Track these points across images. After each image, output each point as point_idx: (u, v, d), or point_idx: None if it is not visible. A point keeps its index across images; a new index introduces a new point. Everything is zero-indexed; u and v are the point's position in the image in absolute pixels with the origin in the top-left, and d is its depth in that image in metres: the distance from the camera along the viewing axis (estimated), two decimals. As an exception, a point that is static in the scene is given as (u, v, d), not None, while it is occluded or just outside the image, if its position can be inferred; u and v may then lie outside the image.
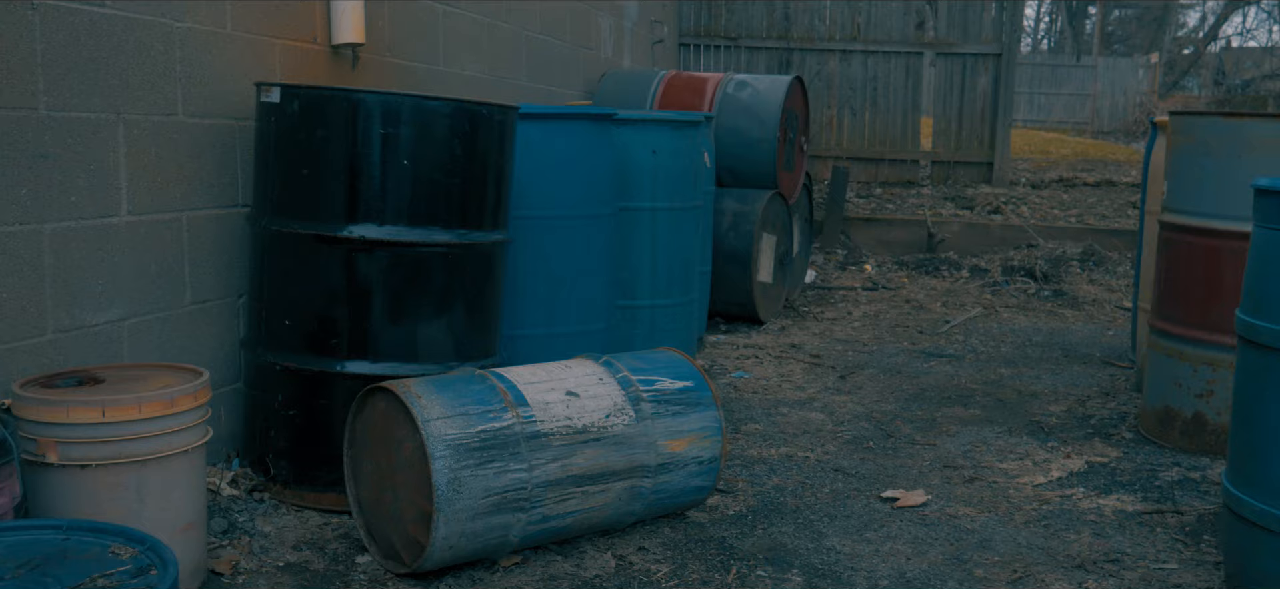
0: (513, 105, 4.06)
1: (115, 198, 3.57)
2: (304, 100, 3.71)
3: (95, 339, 3.51)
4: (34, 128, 3.26)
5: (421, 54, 5.53)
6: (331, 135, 3.69)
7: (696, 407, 3.70)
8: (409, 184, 3.74)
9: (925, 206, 10.37)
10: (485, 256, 3.95)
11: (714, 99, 7.67)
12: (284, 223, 3.76)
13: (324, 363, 3.75)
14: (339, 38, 4.73)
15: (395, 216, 3.72)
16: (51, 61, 3.31)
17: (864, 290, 8.79)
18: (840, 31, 11.13)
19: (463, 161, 3.82)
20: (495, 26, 6.42)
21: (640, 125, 5.48)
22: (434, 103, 3.79)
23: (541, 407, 3.39)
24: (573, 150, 4.76)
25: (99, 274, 3.51)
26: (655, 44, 10.10)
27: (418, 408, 3.20)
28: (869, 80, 11.12)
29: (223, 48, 4.03)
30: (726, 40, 11.24)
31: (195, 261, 3.94)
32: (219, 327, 4.07)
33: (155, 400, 2.96)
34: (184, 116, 3.86)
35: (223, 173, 4.06)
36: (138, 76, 3.64)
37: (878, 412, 5.34)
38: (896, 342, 7.04)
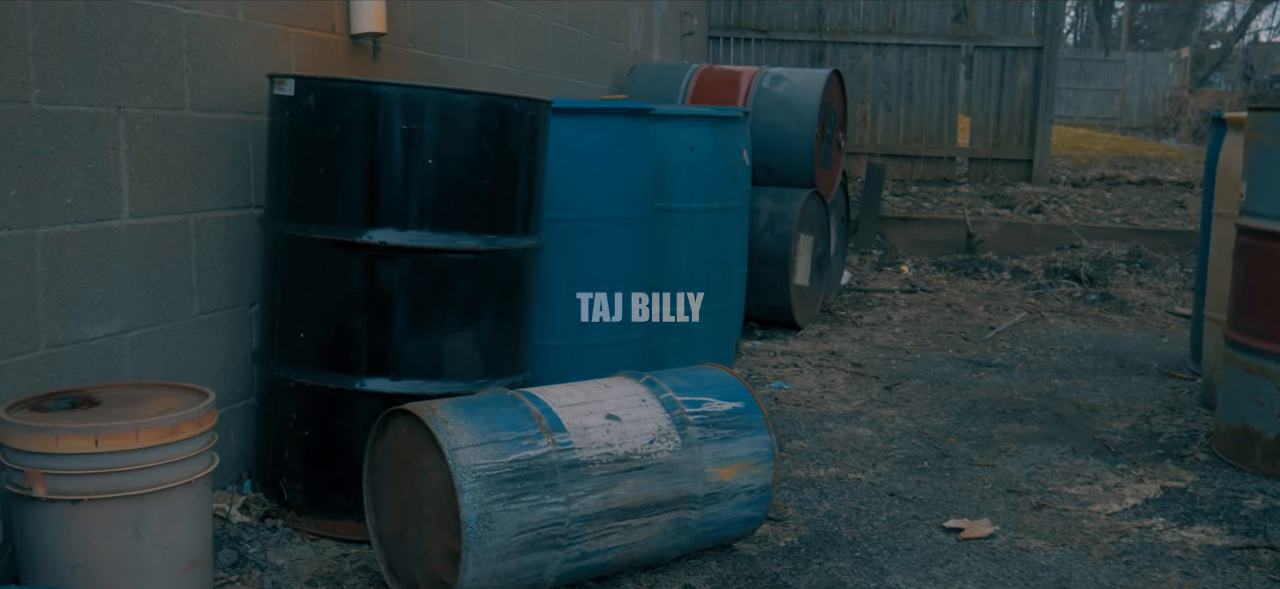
0: (545, 99, 3.75)
1: (116, 199, 3.28)
2: (320, 93, 3.41)
3: (93, 354, 3.22)
4: (25, 123, 2.96)
5: (446, 45, 5.23)
6: (350, 131, 3.39)
7: (747, 430, 3.38)
8: (434, 185, 3.43)
9: (963, 205, 10.03)
10: (515, 264, 3.64)
11: (749, 94, 7.35)
12: (298, 226, 3.46)
13: (341, 379, 3.45)
14: (359, 27, 4.43)
15: (419, 220, 3.42)
16: (45, 49, 3.02)
17: (902, 293, 8.46)
18: (874, 24, 10.79)
19: (492, 161, 3.51)
20: (523, 17, 6.12)
21: (677, 121, 5.17)
22: (461, 97, 3.48)
23: (579, 432, 3.08)
24: (607, 147, 4.45)
25: (98, 283, 3.22)
26: (685, 36, 9.78)
27: (444, 434, 2.89)
28: (904, 74, 10.77)
29: (234, 37, 3.74)
30: (757, 33, 10.91)
31: (204, 268, 3.64)
32: (229, 337, 3.78)
33: (154, 427, 2.66)
34: (191, 111, 3.56)
35: (233, 171, 3.76)
36: (140, 67, 3.35)
37: (929, 427, 5.01)
38: (941, 349, 6.71)
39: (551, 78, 6.59)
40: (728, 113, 5.41)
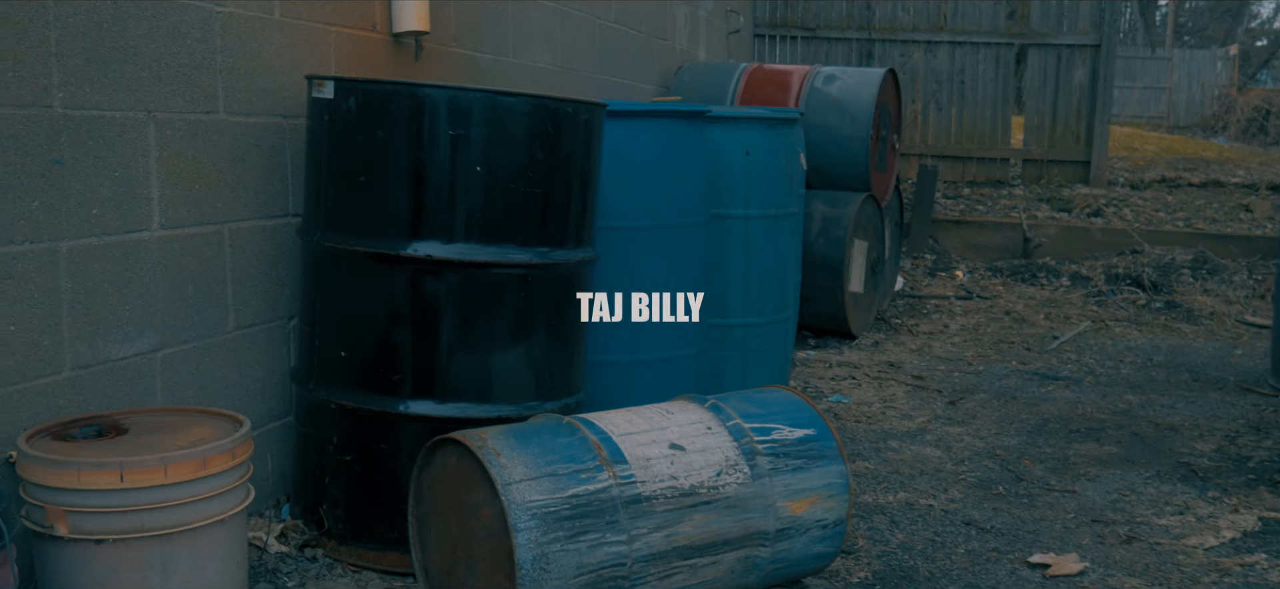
0: (599, 101, 3.52)
1: (145, 209, 3.07)
2: (361, 96, 3.19)
3: (122, 375, 3.01)
4: (47, 129, 2.76)
5: (489, 44, 5.01)
6: (393, 137, 3.17)
7: (820, 460, 3.13)
8: (481, 194, 3.20)
9: (1019, 208, 9.71)
10: (569, 279, 3.41)
11: (800, 94, 7.09)
12: (338, 238, 3.24)
13: (384, 402, 3.22)
14: (401, 25, 4.21)
15: (466, 232, 3.19)
16: (68, 49, 2.81)
17: (958, 300, 8.16)
18: (925, 21, 10.48)
19: (544, 168, 3.28)
20: (568, 15, 5.88)
21: (732, 123, 4.91)
22: (510, 99, 3.25)
23: (642, 464, 2.84)
24: (662, 152, 4.20)
25: (126, 299, 3.01)
26: (731, 34, 9.52)
27: (497, 467, 2.66)
28: (956, 73, 10.46)
29: (270, 35, 3.52)
30: (804, 31, 10.63)
31: (239, 281, 3.43)
32: (267, 354, 3.56)
33: (183, 460, 2.45)
34: (225, 114, 3.35)
35: (270, 178, 3.55)
36: (171, 68, 3.14)
37: (1000, 447, 4.73)
38: (1003, 360, 6.42)
39: (597, 77, 6.35)
40: (784, 114, 5.16)
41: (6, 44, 2.64)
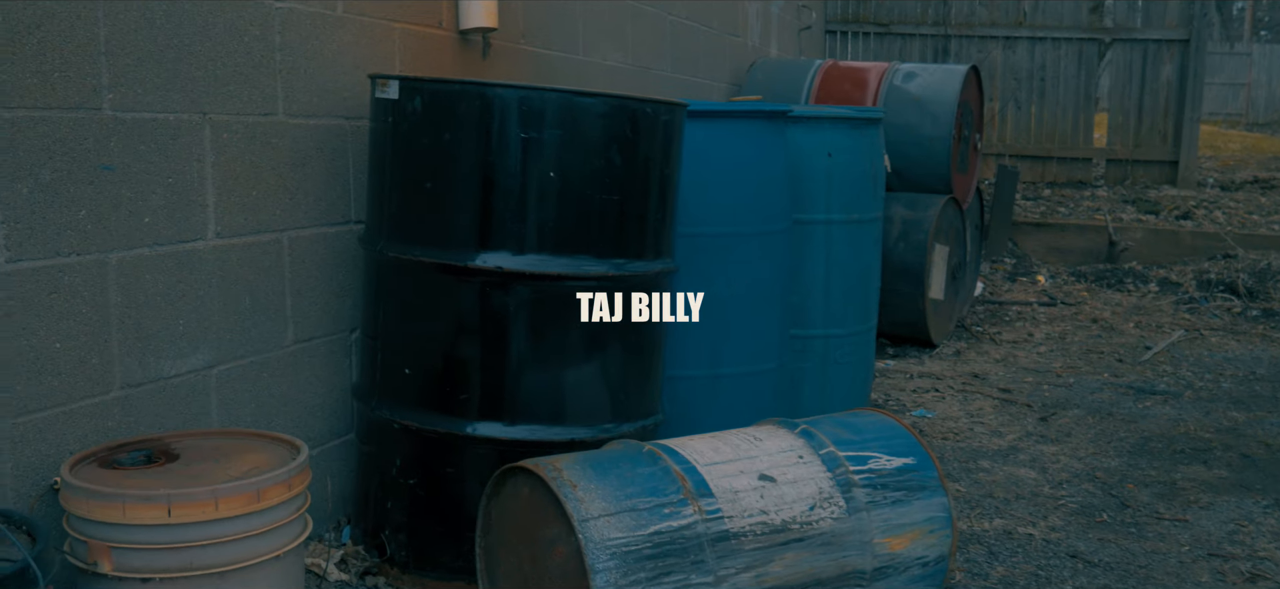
0: (679, 101, 3.29)
1: (200, 217, 2.89)
2: (428, 96, 2.99)
3: (175, 393, 2.84)
4: (96, 133, 2.59)
5: (559, 42, 4.80)
6: (460, 140, 2.97)
7: (920, 491, 2.87)
8: (555, 202, 2.99)
9: (1103, 210, 9.33)
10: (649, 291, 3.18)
11: (879, 92, 6.81)
12: (402, 248, 3.04)
13: (450, 423, 3.02)
14: (468, 22, 4.02)
15: (538, 242, 2.98)
16: (119, 48, 2.64)
17: (1041, 306, 7.83)
18: (1004, 16, 10.12)
19: (621, 173, 3.06)
20: (639, 11, 5.66)
21: (814, 123, 4.66)
22: (586, 100, 3.03)
23: (729, 496, 2.61)
24: (744, 154, 3.97)
25: (179, 312, 2.84)
26: (802, 30, 9.24)
27: (573, 501, 2.44)
28: (1036, 70, 10.08)
29: (332, 32, 3.34)
30: (877, 27, 10.32)
31: (299, 292, 3.25)
32: (327, 369, 3.38)
33: (236, 493, 2.26)
34: (284, 116, 3.17)
35: (331, 184, 3.36)
36: (228, 67, 2.96)
37: (1100, 469, 4.43)
38: (1094, 372, 6.09)
39: (668, 75, 6.12)
40: (868, 114, 4.89)
41: (53, 42, 2.47)
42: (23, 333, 2.43)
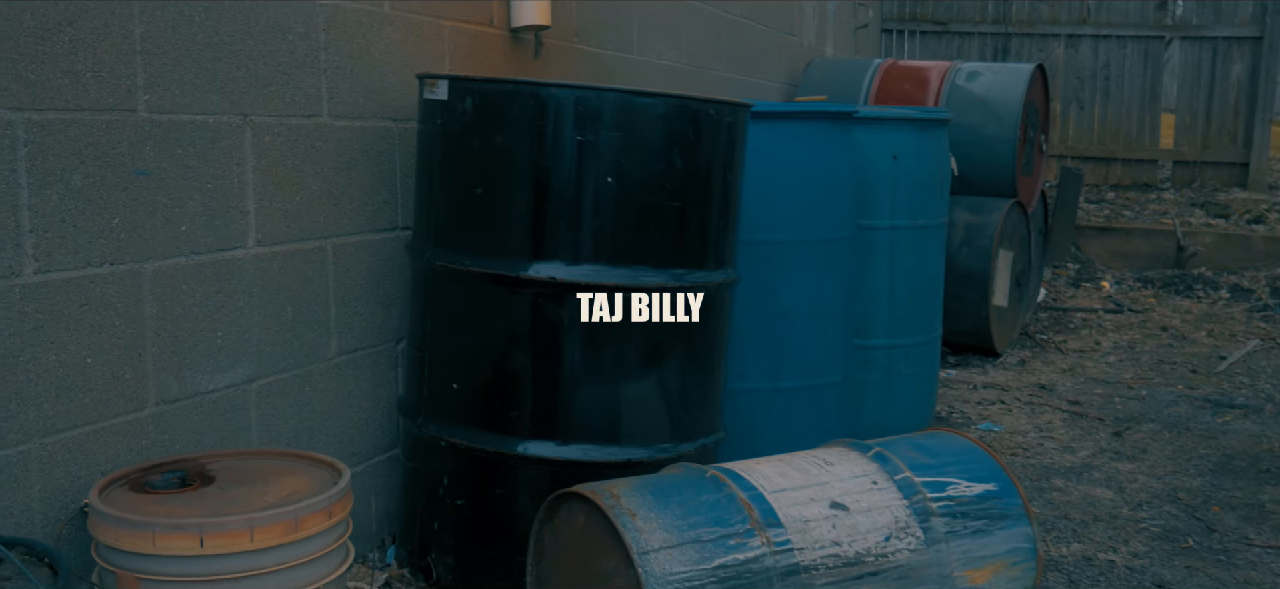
0: (744, 101, 3.11)
1: (240, 224, 2.75)
2: (478, 97, 2.83)
3: (212, 409, 2.70)
4: (130, 136, 2.45)
5: (613, 40, 4.64)
6: (512, 143, 2.81)
7: (1003, 520, 2.68)
8: (612, 209, 2.82)
9: (1170, 214, 9.02)
10: (708, 304, 3.01)
11: (941, 92, 6.58)
12: (451, 257, 2.89)
13: (500, 441, 2.86)
14: (520, 20, 3.86)
15: (594, 252, 2.81)
16: (155, 47, 2.50)
17: (1106, 313, 7.56)
18: (1067, 14, 9.82)
19: (682, 177, 2.89)
20: (696, 9, 5.49)
21: (879, 124, 4.46)
22: (646, 100, 2.86)
23: (798, 526, 2.43)
24: (809, 157, 3.78)
25: (218, 324, 2.70)
26: (858, 29, 9.02)
27: (632, 532, 2.27)
28: (1100, 69, 9.78)
29: (379, 30, 3.19)
30: (934, 25, 10.06)
31: (343, 302, 3.11)
32: (372, 381, 3.24)
33: (272, 522, 2.11)
34: (329, 118, 3.03)
35: (378, 188, 3.22)
36: (270, 67, 2.82)
37: (1181, 489, 4.20)
38: (1167, 384, 5.83)
39: (723, 75, 5.94)
40: (934, 115, 4.69)
41: (85, 41, 2.34)
42: (52, 347, 2.30)
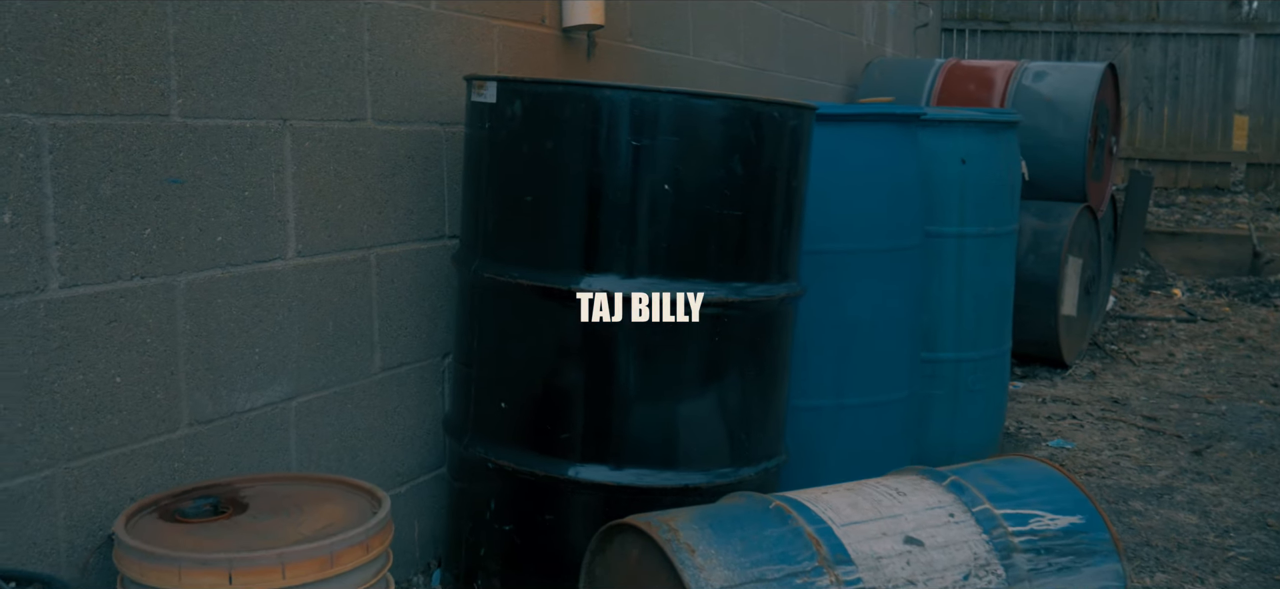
0: (808, 104, 2.93)
1: (279, 234, 2.62)
2: (528, 100, 2.68)
3: (250, 429, 2.57)
4: (163, 143, 2.33)
5: (668, 40, 4.47)
6: (564, 148, 2.65)
7: (1090, 556, 2.47)
8: (669, 218, 2.66)
9: (1244, 219, 8.70)
10: (770, 319, 2.84)
11: (1007, 93, 6.35)
12: (499, 269, 2.74)
13: (550, 464, 2.71)
14: (572, 19, 3.71)
15: (650, 264, 2.65)
16: (189, 48, 2.37)
17: (1179, 322, 7.28)
18: (1134, 12, 9.53)
19: (742, 185, 2.72)
20: (754, 8, 5.31)
21: (947, 127, 4.25)
22: (705, 102, 2.69)
23: (870, 564, 2.25)
24: (875, 161, 3.59)
25: (256, 340, 2.57)
26: (918, 28, 8.79)
27: (691, 569, 2.10)
28: (1169, 68, 9.47)
29: (426, 30, 3.06)
30: (996, 24, 9.81)
31: (387, 315, 2.97)
32: (417, 398, 3.10)
33: (306, 558, 1.97)
34: (373, 122, 2.89)
35: (424, 195, 3.08)
36: (312, 69, 2.69)
37: (1271, 514, 3.96)
38: (1247, 398, 5.57)
39: (782, 76, 5.76)
40: (1004, 117, 4.47)
41: (115, 42, 2.22)
42: (79, 366, 2.18)
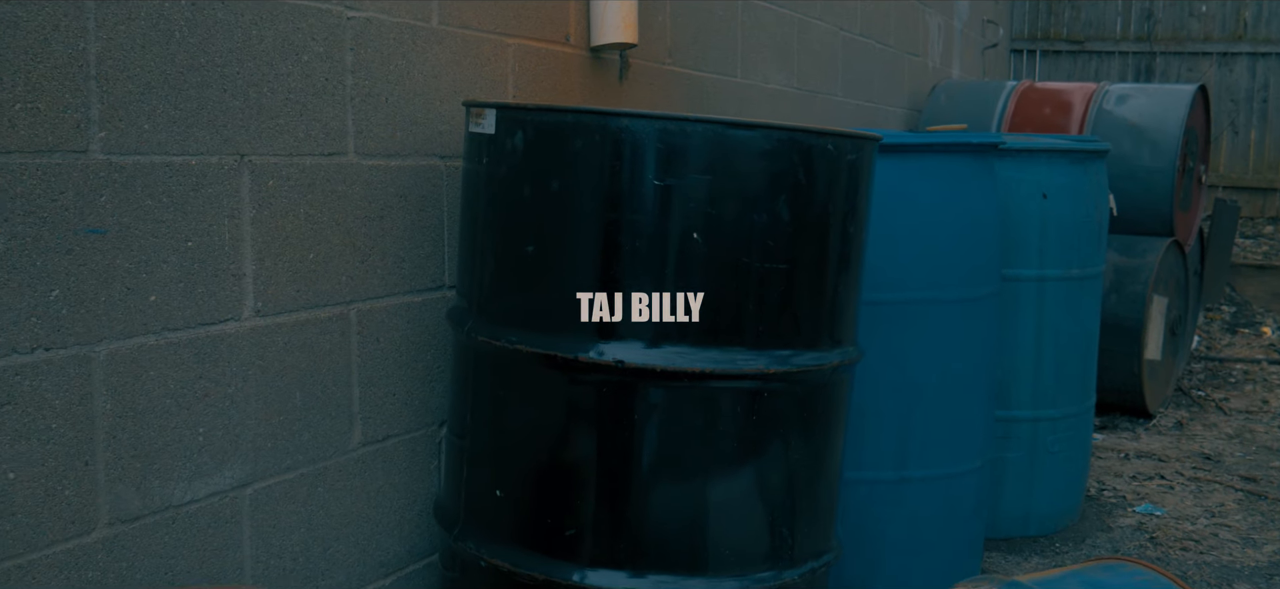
0: (871, 134, 2.46)
1: (232, 291, 2.20)
2: (531, 130, 2.24)
3: (190, 525, 2.14)
4: (78, 183, 1.91)
5: (713, 61, 4.02)
6: (573, 188, 2.21)
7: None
8: (698, 273, 2.20)
9: (1341, 252, 8.06)
10: (820, 392, 2.37)
11: (1086, 117, 5.83)
12: (494, 330, 2.30)
13: (553, 567, 2.25)
14: (601, 37, 3.28)
15: (678, 330, 2.19)
16: (117, 70, 1.96)
17: (1271, 365, 6.68)
18: (1219, 30, 8.92)
19: (789, 233, 2.25)
20: (807, 25, 4.84)
21: (1026, 158, 3.76)
22: (743, 133, 2.23)
23: None
24: (947, 198, 3.12)
25: (198, 418, 2.15)
26: (987, 49, 8.27)
27: None
28: (1257, 90, 8.84)
29: (425, 50, 2.63)
30: (1069, 44, 9.24)
31: (370, 379, 2.54)
32: (407, 475, 2.66)
33: None
34: (356, 156, 2.47)
35: (420, 240, 2.65)
36: (277, 95, 2.27)
37: (1406, 608, 3.41)
38: (1359, 457, 4.99)
39: (839, 100, 5.28)
40: (1091, 146, 3.96)
41: (14, 63, 1.81)
42: (-39, 460, 1.77)
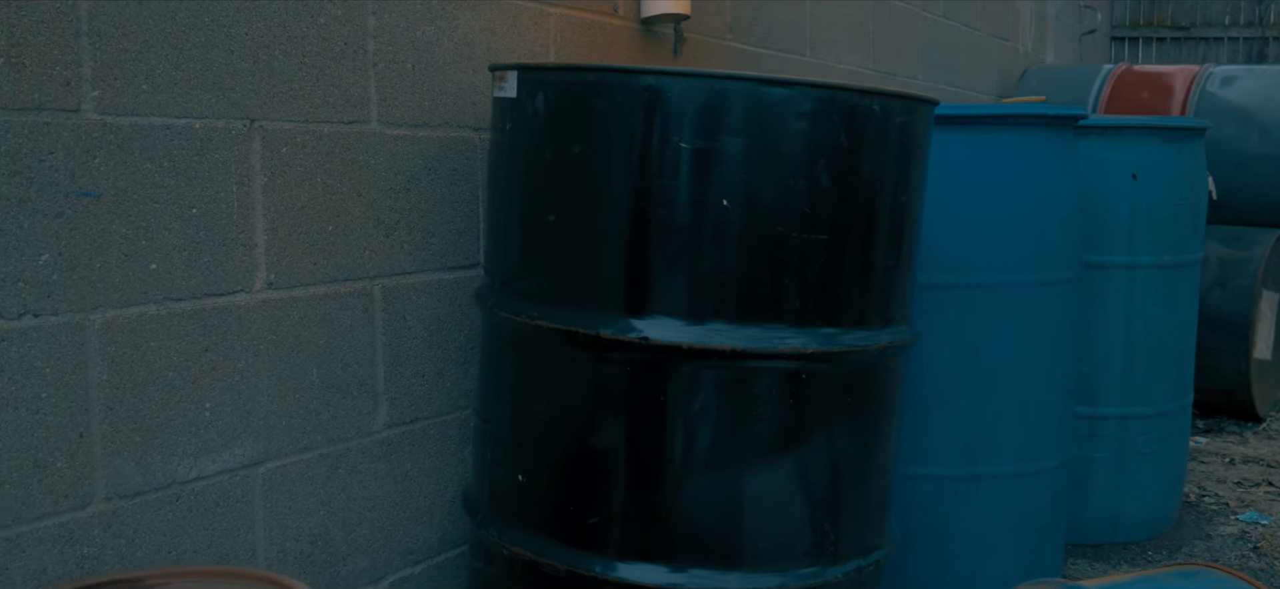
0: (923, 96, 2.27)
1: (242, 261, 2.10)
2: (553, 92, 2.10)
3: (195, 504, 2.05)
4: (69, 144, 1.83)
5: (778, 38, 3.85)
6: (596, 152, 2.07)
7: None
8: (734, 244, 2.04)
9: None
10: (869, 374, 2.18)
11: (1188, 100, 5.50)
12: (516, 306, 2.16)
13: (579, 558, 2.11)
14: (653, 8, 3.14)
15: (714, 306, 2.04)
16: (110, 26, 1.87)
17: (1395, 367, 6.23)
18: (1338, 13, 8.43)
19: (832, 200, 2.08)
20: (884, 3, 4.63)
21: (1113, 135, 3.51)
22: (780, 91, 2.06)
23: None
24: (1020, 174, 2.90)
25: (205, 392, 2.05)
26: (1084, 35, 7.91)
27: None
28: (1380, 76, 8.33)
29: (455, 15, 2.51)
30: (1175, 31, 8.82)
31: (397, 358, 2.42)
32: (437, 459, 2.54)
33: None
34: (379, 125, 2.36)
35: (449, 214, 2.53)
36: (291, 58, 2.17)
37: None
38: None
39: (919, 82, 5.06)
40: (1186, 124, 3.69)
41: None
42: (-59, 430, 1.69)
